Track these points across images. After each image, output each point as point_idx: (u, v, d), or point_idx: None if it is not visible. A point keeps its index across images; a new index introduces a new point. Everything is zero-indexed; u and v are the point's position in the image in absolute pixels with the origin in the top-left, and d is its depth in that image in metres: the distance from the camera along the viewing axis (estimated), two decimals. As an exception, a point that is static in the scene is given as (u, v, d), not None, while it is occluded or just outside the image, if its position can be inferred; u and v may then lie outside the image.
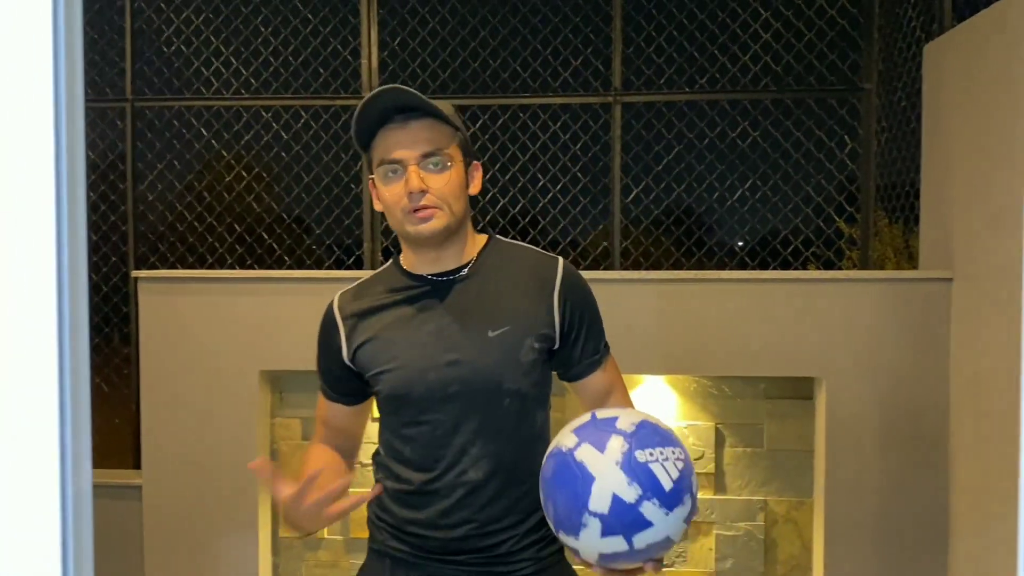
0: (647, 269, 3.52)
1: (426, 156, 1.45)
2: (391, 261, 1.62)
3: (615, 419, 1.26)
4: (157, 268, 3.65)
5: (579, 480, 1.20)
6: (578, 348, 1.56)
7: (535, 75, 3.74)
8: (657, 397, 3.10)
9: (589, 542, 1.21)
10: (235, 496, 3.06)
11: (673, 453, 1.22)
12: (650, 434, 1.23)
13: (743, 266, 3.77)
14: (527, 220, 3.84)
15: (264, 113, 3.80)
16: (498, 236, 1.63)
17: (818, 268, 3.64)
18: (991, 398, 2.58)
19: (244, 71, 3.81)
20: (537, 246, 1.63)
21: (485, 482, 1.47)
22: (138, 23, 3.79)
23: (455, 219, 1.48)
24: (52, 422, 0.60)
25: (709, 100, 3.64)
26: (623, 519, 1.17)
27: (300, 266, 3.93)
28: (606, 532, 1.18)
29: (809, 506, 3.08)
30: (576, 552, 1.26)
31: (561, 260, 1.58)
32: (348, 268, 3.79)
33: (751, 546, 3.10)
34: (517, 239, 1.58)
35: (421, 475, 1.50)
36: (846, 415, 2.91)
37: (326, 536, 3.19)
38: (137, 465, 3.33)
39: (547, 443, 1.49)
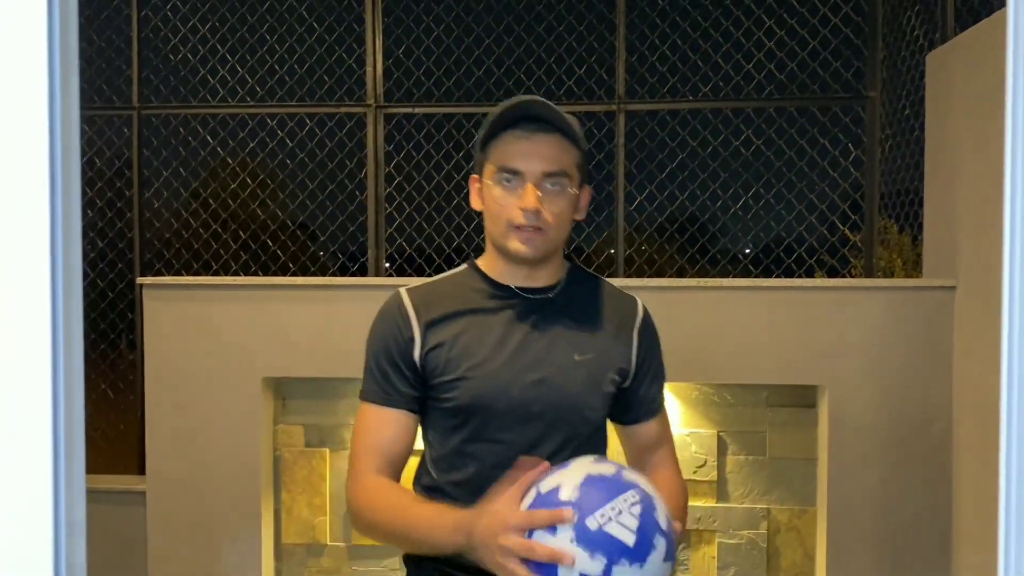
0: (650, 276, 3.52)
1: (548, 175, 1.39)
2: (467, 265, 1.53)
3: (557, 489, 1.16)
4: (163, 275, 3.67)
5: (544, 568, 1.12)
6: (641, 391, 1.53)
7: (539, 83, 3.75)
8: (660, 405, 3.09)
9: None
10: (238, 502, 3.07)
11: (625, 501, 1.13)
12: (596, 492, 1.14)
13: (747, 274, 3.77)
14: (531, 227, 3.85)
15: (269, 121, 3.82)
16: (578, 264, 1.59)
17: (823, 276, 3.64)
18: (995, 407, 2.58)
19: (249, 79, 3.84)
20: None
21: None
22: (144, 32, 3.82)
23: (554, 245, 1.44)
24: (46, 436, 0.61)
25: (713, 108, 3.65)
26: None
27: (304, 273, 3.94)
28: None
29: (812, 515, 3.07)
30: None
31: (639, 299, 1.56)
32: (353, 275, 3.80)
33: (753, 554, 3.09)
34: (574, 260, 1.56)
35: (482, 499, 1.29)
36: (849, 423, 2.90)
37: (328, 543, 3.20)
38: (142, 471, 3.34)
39: None
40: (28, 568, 0.61)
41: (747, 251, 3.93)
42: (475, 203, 1.49)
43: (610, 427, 1.59)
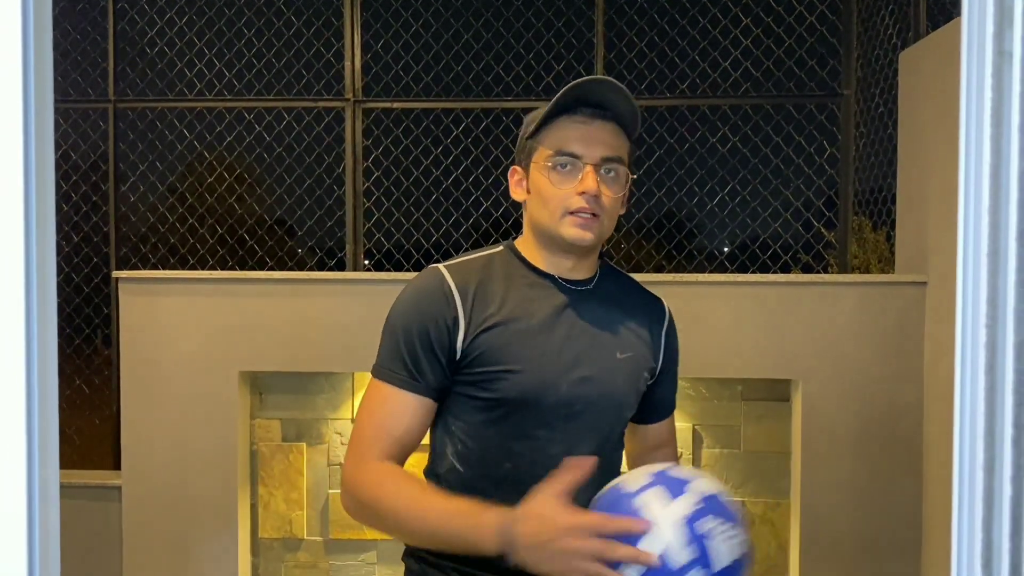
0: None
1: (607, 161, 1.34)
2: (504, 248, 1.45)
3: (688, 481, 1.11)
4: (139, 269, 3.65)
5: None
6: (661, 391, 1.52)
7: (518, 79, 3.76)
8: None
9: None
10: (215, 497, 3.06)
11: (741, 535, 1.08)
12: (730, 506, 1.11)
13: (723, 270, 3.80)
14: (509, 223, 3.87)
15: (247, 115, 3.80)
16: (607, 259, 1.54)
17: (798, 272, 3.68)
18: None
19: (227, 73, 3.82)
20: None
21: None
22: (121, 25, 3.79)
23: (607, 233, 1.38)
24: (19, 427, 0.62)
25: (689, 105, 3.67)
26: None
27: (282, 268, 3.93)
28: None
29: (785, 507, 3.11)
30: None
31: (664, 301, 1.54)
32: (330, 270, 3.80)
33: (729, 547, 3.12)
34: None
35: (516, 498, 1.16)
36: (822, 417, 2.94)
37: (305, 537, 3.20)
38: (117, 466, 3.32)
39: None
40: (1, 561, 0.62)
41: (724, 249, 3.96)
42: (517, 194, 1.43)
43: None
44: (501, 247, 1.45)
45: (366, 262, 3.65)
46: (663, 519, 1.06)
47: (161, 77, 3.86)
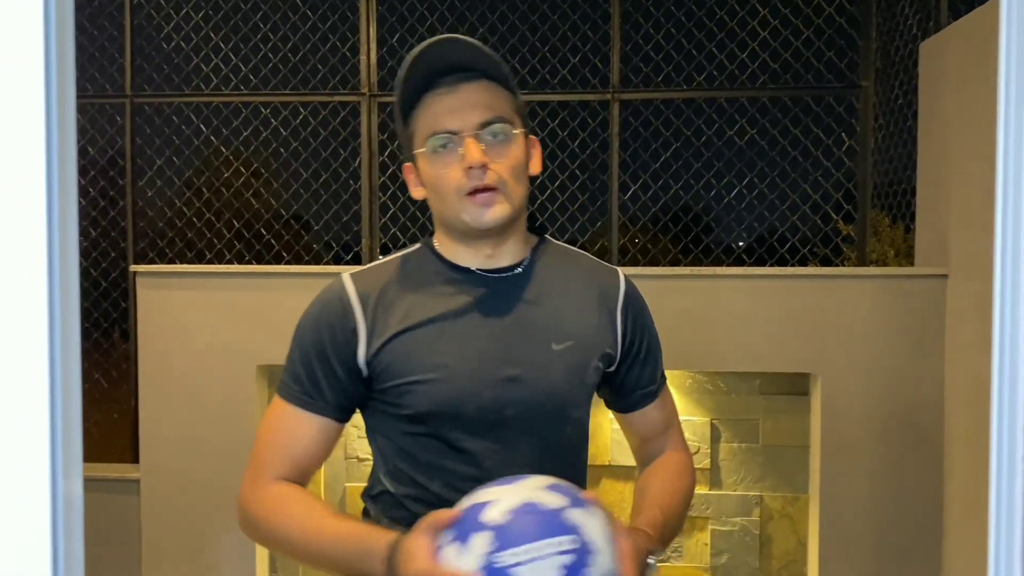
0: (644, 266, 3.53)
1: (486, 124, 1.18)
2: (420, 245, 1.31)
3: (486, 506, 0.99)
4: (156, 264, 3.66)
5: None
6: (634, 375, 1.33)
7: (533, 72, 3.75)
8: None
9: None
10: (232, 490, 3.06)
11: (551, 546, 0.94)
12: (527, 524, 0.95)
13: (740, 264, 3.78)
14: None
15: (263, 109, 3.81)
16: (549, 237, 1.37)
17: (816, 266, 3.65)
18: (986, 394, 2.60)
19: (243, 67, 3.83)
20: None
21: None
22: (137, 19, 3.80)
23: (518, 203, 1.22)
24: (43, 420, 0.62)
25: (707, 97, 3.65)
26: None
27: (298, 263, 3.94)
28: None
29: (804, 502, 3.09)
30: None
31: (621, 271, 1.36)
32: (347, 264, 3.80)
33: (746, 541, 3.11)
34: (547, 230, 1.40)
35: None
36: (841, 411, 2.92)
37: (324, 531, 3.21)
38: (136, 459, 3.34)
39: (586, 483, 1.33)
40: (26, 554, 0.62)
41: (740, 243, 3.94)
42: (415, 192, 1.27)
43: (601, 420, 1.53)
44: (418, 245, 1.32)
45: (381, 257, 3.65)
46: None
47: (178, 72, 3.87)
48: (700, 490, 3.10)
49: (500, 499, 0.99)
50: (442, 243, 1.28)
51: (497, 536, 0.95)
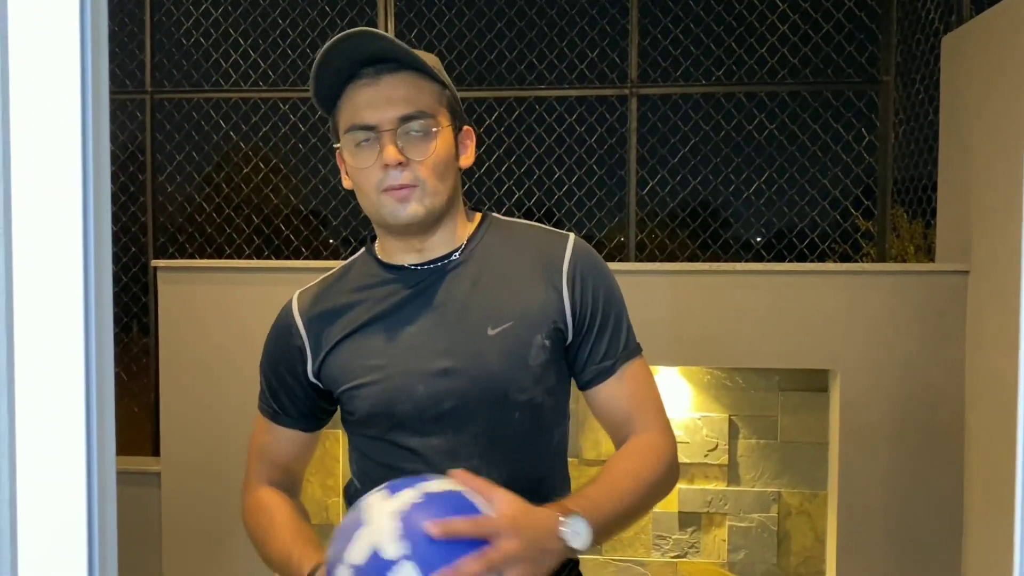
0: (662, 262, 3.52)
1: (405, 120, 1.15)
2: (362, 250, 1.32)
3: (420, 481, 1.02)
4: (175, 259, 3.69)
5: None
6: (588, 347, 1.23)
7: (551, 67, 3.74)
8: (671, 389, 3.11)
9: None
10: (252, 484, 3.10)
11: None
12: (454, 505, 0.99)
13: (759, 259, 3.77)
14: (542, 212, 3.86)
15: (281, 105, 3.83)
16: (496, 215, 1.33)
17: (835, 262, 3.63)
18: (1006, 391, 2.58)
19: (262, 63, 3.84)
20: None
21: None
22: (158, 16, 3.83)
23: (441, 200, 1.19)
24: (79, 408, 0.62)
25: (726, 92, 3.63)
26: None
27: (317, 258, 3.96)
28: None
29: (822, 498, 3.08)
30: None
31: (572, 236, 1.28)
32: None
33: (764, 537, 3.11)
34: (491, 212, 1.33)
35: None
36: (861, 408, 2.91)
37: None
38: (156, 452, 3.37)
39: (566, 463, 1.30)
40: (63, 542, 0.63)
41: (759, 238, 3.92)
42: (345, 182, 1.26)
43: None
44: (361, 251, 1.32)
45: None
46: (377, 514, 0.97)
47: (197, 68, 3.89)
48: (718, 486, 3.10)
49: (430, 480, 1.01)
50: (380, 243, 1.28)
51: (430, 499, 0.98)
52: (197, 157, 3.94)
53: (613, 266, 1.40)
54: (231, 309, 3.08)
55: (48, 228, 0.61)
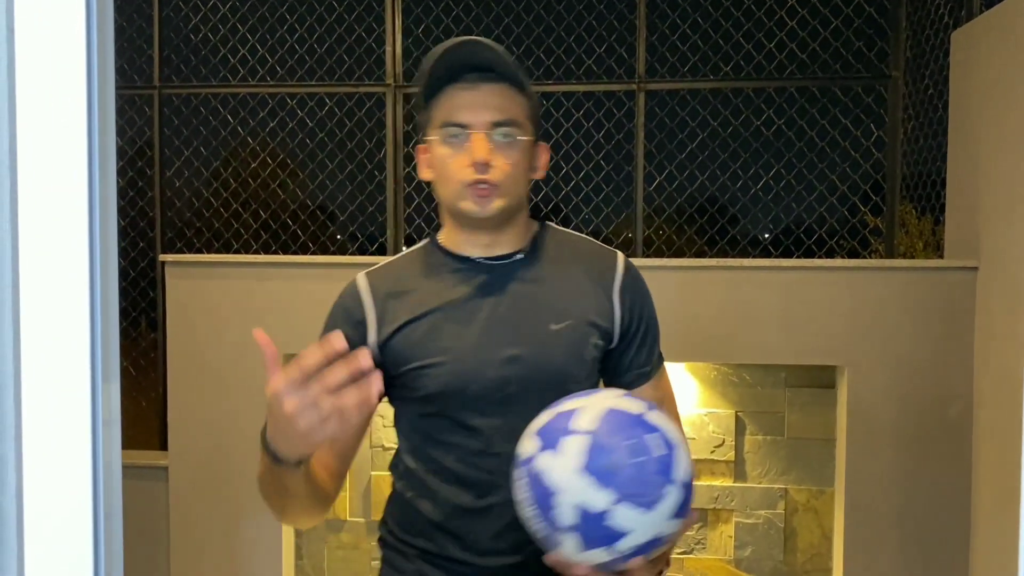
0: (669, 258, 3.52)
1: (496, 125, 1.27)
2: (426, 241, 1.42)
3: (572, 414, 1.07)
4: (183, 253, 3.70)
5: (541, 494, 1.04)
6: (630, 354, 1.39)
7: (558, 62, 3.74)
8: (678, 384, 3.10)
9: (572, 557, 1.05)
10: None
11: (650, 441, 1.04)
12: (616, 426, 1.04)
13: (766, 255, 3.76)
14: (549, 208, 3.85)
15: (289, 100, 3.83)
16: (551, 223, 1.46)
17: (843, 258, 3.62)
18: (1015, 388, 2.56)
19: (269, 58, 3.85)
20: None
21: None
22: (165, 11, 3.83)
23: (514, 202, 1.31)
24: (85, 403, 0.63)
25: (734, 88, 3.62)
26: (596, 531, 1.01)
27: (324, 253, 3.96)
28: (586, 547, 1.02)
29: (830, 495, 3.08)
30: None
31: (621, 254, 1.42)
32: (372, 255, 3.82)
33: (771, 534, 3.10)
34: (550, 219, 1.42)
35: (467, 490, 1.29)
36: (868, 404, 2.90)
37: (348, 519, 3.23)
38: (164, 446, 3.39)
39: None
40: (68, 530, 0.63)
41: (766, 234, 3.91)
42: (424, 173, 1.37)
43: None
44: (425, 241, 1.42)
45: (405, 248, 3.66)
46: (562, 479, 1.01)
47: (205, 63, 3.89)
48: (724, 483, 3.09)
49: (584, 407, 1.07)
50: (446, 235, 1.38)
51: (591, 440, 1.02)
52: (205, 152, 3.94)
53: None
54: (239, 304, 3.09)
55: (54, 223, 0.61)
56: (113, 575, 0.65)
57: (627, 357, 1.39)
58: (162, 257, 3.23)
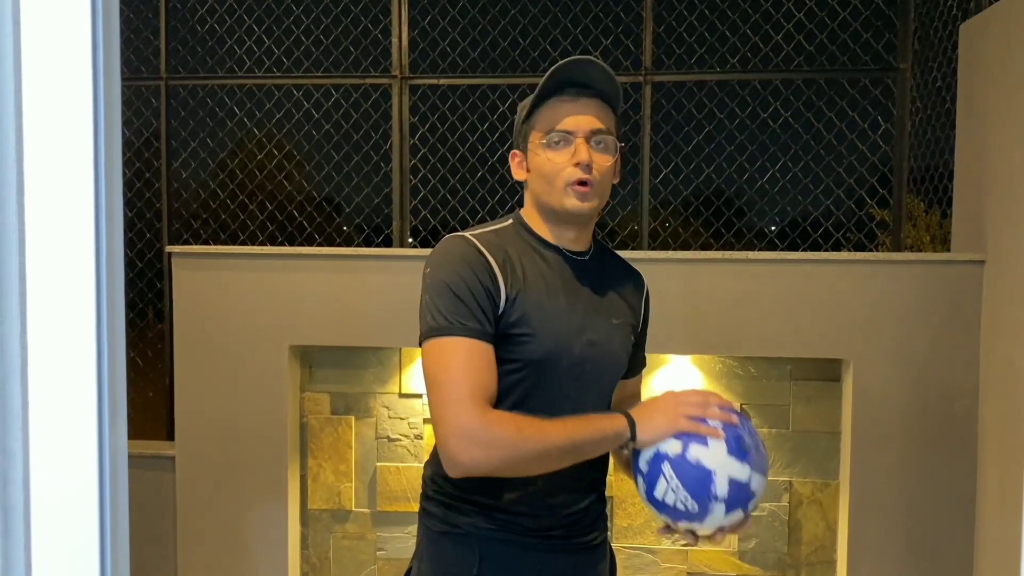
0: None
1: (595, 133, 1.46)
2: (513, 220, 1.54)
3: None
4: (190, 244, 3.71)
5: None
6: (639, 353, 1.67)
7: (565, 54, 3.71)
8: (683, 377, 3.10)
9: (717, 522, 1.37)
10: (265, 468, 3.12)
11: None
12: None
13: (772, 248, 3.75)
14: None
15: (295, 92, 3.83)
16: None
17: (850, 251, 3.61)
18: (1022, 382, 2.56)
19: (276, 50, 3.85)
20: None
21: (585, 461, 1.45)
22: (172, 2, 3.83)
23: (603, 202, 1.51)
24: (91, 393, 0.63)
25: (740, 80, 3.61)
26: (740, 496, 1.35)
27: (329, 245, 3.96)
28: (728, 510, 1.36)
29: (834, 488, 3.08)
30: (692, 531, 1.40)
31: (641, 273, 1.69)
32: (377, 247, 3.82)
33: (775, 527, 3.11)
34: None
35: None
36: (874, 398, 2.90)
37: (354, 509, 3.25)
38: (171, 436, 3.40)
39: None
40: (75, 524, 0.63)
41: (773, 227, 3.90)
42: (518, 174, 1.54)
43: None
44: (510, 220, 1.55)
45: (411, 239, 3.67)
46: (716, 461, 1.34)
47: (211, 55, 3.89)
48: (729, 475, 3.10)
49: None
50: (534, 221, 1.53)
51: (726, 430, 1.37)
52: (211, 143, 3.95)
53: (626, 254, 1.75)
54: (245, 295, 3.10)
55: (61, 215, 0.62)
56: (119, 565, 0.65)
57: (637, 355, 1.66)
58: (169, 248, 3.24)
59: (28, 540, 0.61)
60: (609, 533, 1.95)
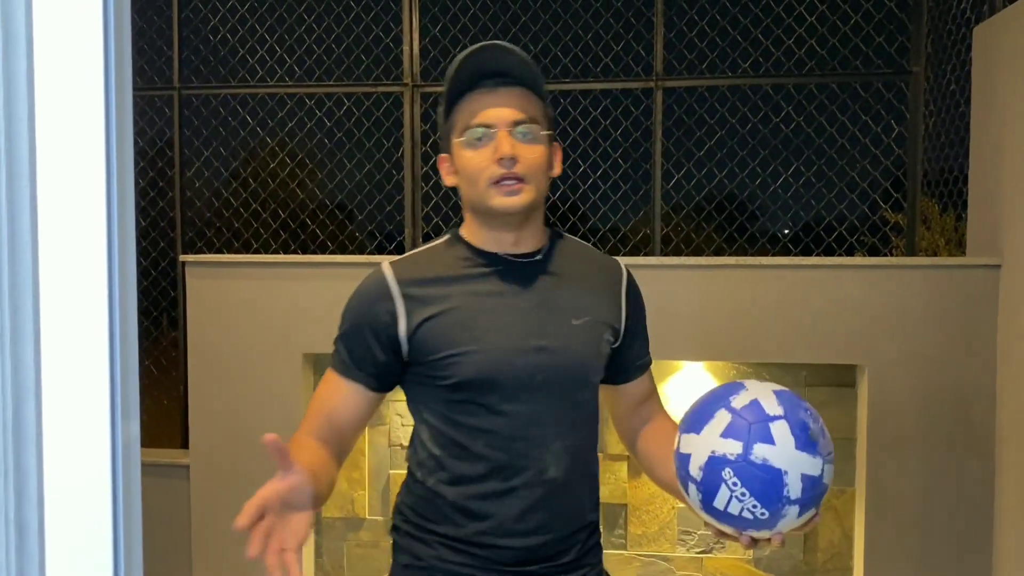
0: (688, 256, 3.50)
1: (517, 123, 1.35)
2: (449, 236, 1.46)
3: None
4: (204, 253, 3.72)
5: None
6: (633, 350, 1.52)
7: (576, 60, 3.73)
8: (696, 383, 3.09)
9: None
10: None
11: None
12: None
13: (786, 254, 3.73)
14: (567, 206, 3.85)
15: (307, 100, 3.85)
16: (558, 228, 1.55)
17: (863, 255, 3.59)
18: (1039, 387, 2.53)
19: (288, 59, 3.86)
20: (576, 233, 1.58)
21: (564, 481, 1.37)
22: (185, 12, 3.86)
23: (538, 197, 1.38)
24: (103, 404, 0.63)
25: (752, 85, 3.60)
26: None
27: (343, 252, 3.97)
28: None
29: (850, 494, 3.05)
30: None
31: (620, 261, 1.55)
32: (390, 254, 3.83)
33: (791, 533, 3.08)
34: (558, 226, 1.54)
35: (495, 474, 1.35)
36: (889, 403, 2.87)
37: (367, 517, 3.25)
38: (185, 445, 3.41)
39: (598, 440, 1.50)
40: (88, 528, 0.63)
41: (786, 231, 3.88)
42: (448, 180, 1.43)
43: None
44: (446, 236, 1.47)
45: (423, 242, 3.66)
46: (785, 459, 1.15)
47: (224, 64, 3.92)
48: (744, 481, 3.08)
49: (757, 395, 1.21)
50: (470, 232, 1.43)
51: (788, 421, 1.17)
52: (224, 152, 3.97)
53: (638, 260, 1.65)
54: (258, 303, 3.11)
55: (73, 226, 0.62)
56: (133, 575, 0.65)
57: (632, 351, 1.52)
58: (182, 257, 3.25)
59: (43, 558, 0.61)
60: (623, 541, 1.91)
